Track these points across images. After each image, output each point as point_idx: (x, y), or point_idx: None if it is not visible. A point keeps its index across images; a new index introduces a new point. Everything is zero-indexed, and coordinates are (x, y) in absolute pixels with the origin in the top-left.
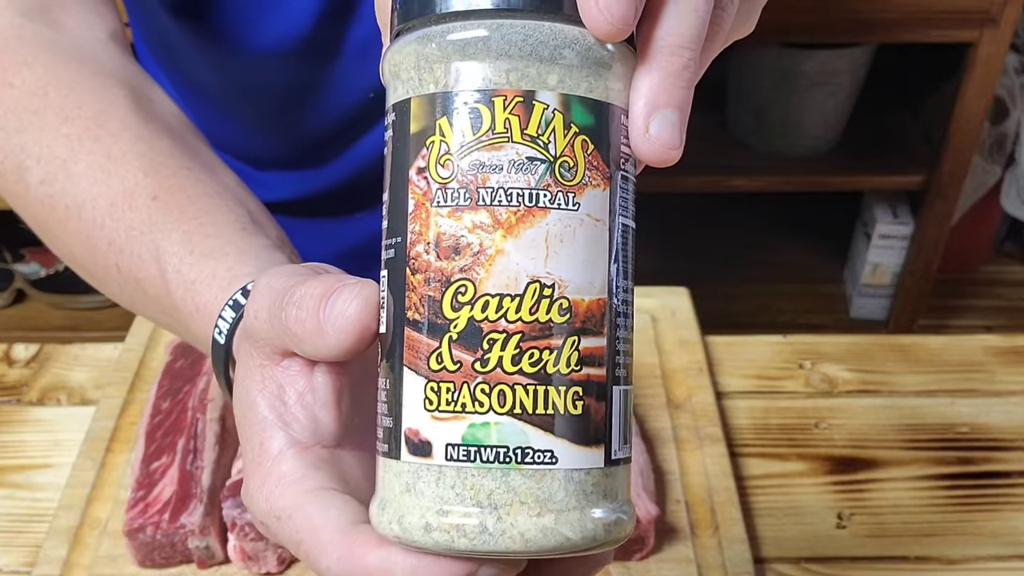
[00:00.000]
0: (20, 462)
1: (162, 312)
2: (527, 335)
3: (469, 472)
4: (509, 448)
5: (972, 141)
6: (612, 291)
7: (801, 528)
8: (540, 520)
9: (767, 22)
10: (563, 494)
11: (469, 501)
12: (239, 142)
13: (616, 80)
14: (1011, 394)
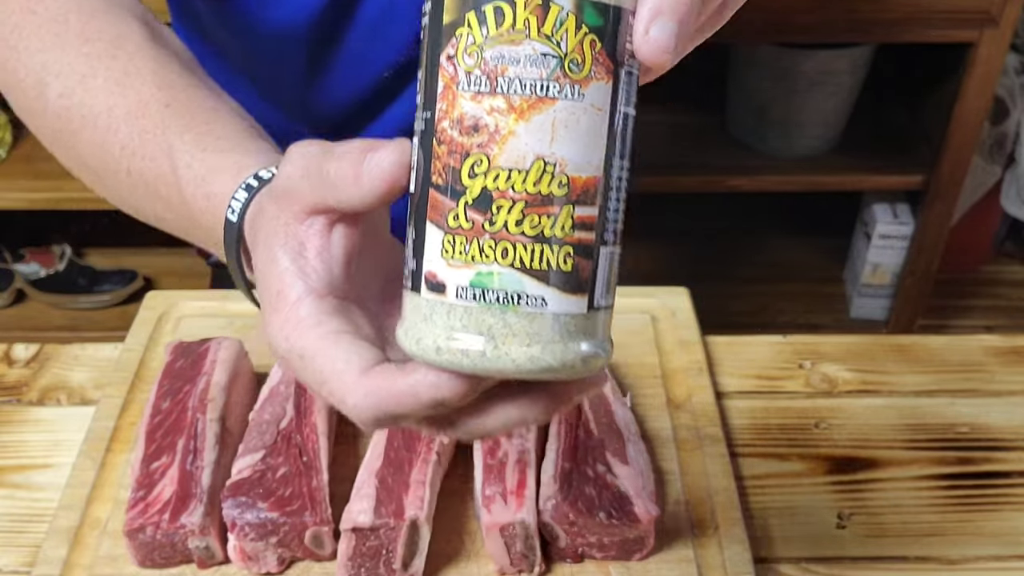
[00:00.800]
0: (20, 462)
1: (170, 210)
2: (529, 203)
3: (474, 310)
4: (508, 292)
5: (972, 141)
6: (608, 169)
7: (801, 528)
8: (529, 350)
9: (767, 22)
10: (549, 331)
11: (473, 332)
12: (261, 118)
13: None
14: (1011, 394)
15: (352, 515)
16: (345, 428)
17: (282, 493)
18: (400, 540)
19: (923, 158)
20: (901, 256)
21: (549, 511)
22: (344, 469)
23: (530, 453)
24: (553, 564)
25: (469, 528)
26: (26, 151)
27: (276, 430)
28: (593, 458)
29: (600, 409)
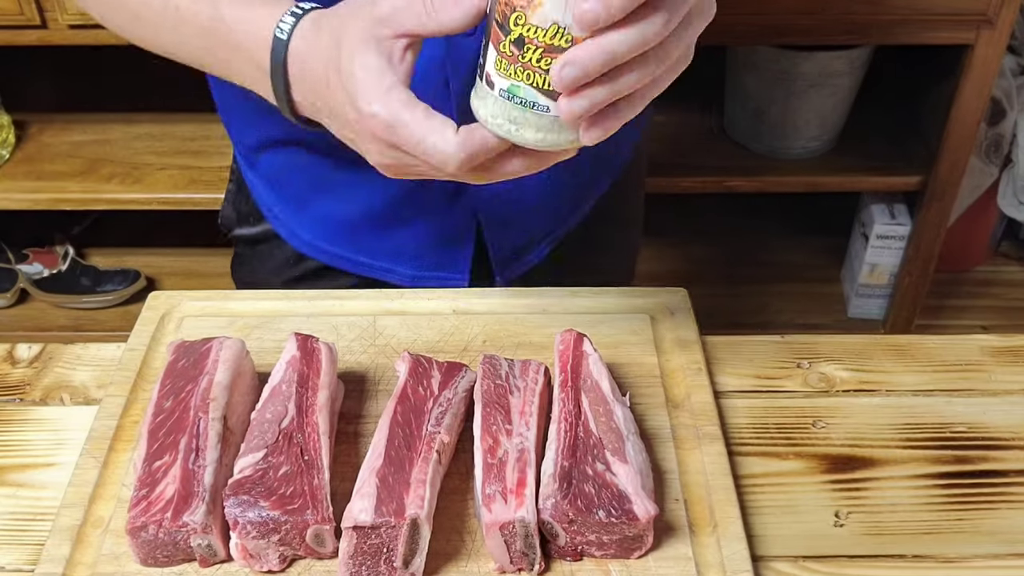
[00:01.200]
0: (23, 461)
1: (212, 37)
2: (546, 50)
3: (507, 105)
4: (526, 100)
5: (969, 142)
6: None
7: (799, 526)
8: (537, 134)
9: (765, 24)
10: (549, 125)
11: (505, 118)
12: None
13: None
14: (1008, 393)
15: (353, 513)
16: (346, 427)
17: (284, 492)
18: (401, 538)
19: (920, 159)
20: (898, 256)
21: (548, 509)
22: (345, 468)
23: (530, 452)
24: (552, 562)
25: (469, 526)
26: (30, 152)
27: (278, 429)
28: (592, 457)
29: (599, 408)
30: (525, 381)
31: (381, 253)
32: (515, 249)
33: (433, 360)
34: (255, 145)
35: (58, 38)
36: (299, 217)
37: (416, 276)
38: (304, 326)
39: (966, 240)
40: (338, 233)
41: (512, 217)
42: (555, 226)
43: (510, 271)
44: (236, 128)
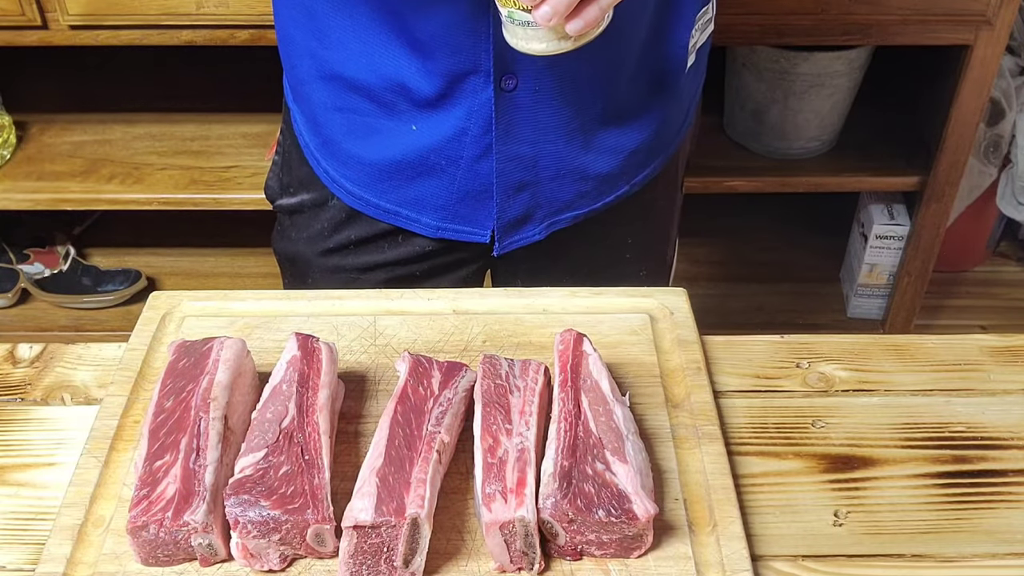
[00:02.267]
0: (24, 461)
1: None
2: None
3: (513, 27)
4: (520, 20)
5: (968, 143)
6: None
7: (798, 526)
8: (539, 43)
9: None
10: (544, 35)
11: (516, 36)
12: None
13: None
14: (1006, 393)
15: (353, 513)
16: (346, 427)
17: (284, 491)
18: (401, 538)
19: (919, 159)
20: (897, 256)
21: (548, 509)
22: (345, 467)
23: (530, 451)
24: (552, 561)
25: (469, 526)
26: (31, 152)
27: (278, 429)
28: (592, 456)
29: (599, 408)
30: (525, 381)
31: (407, 202)
32: (516, 218)
33: (433, 360)
34: (304, 77)
35: (59, 39)
36: (333, 158)
37: (439, 227)
38: (304, 326)
39: (965, 240)
40: (368, 177)
41: (523, 185)
42: (561, 209)
43: (508, 240)
44: (291, 56)
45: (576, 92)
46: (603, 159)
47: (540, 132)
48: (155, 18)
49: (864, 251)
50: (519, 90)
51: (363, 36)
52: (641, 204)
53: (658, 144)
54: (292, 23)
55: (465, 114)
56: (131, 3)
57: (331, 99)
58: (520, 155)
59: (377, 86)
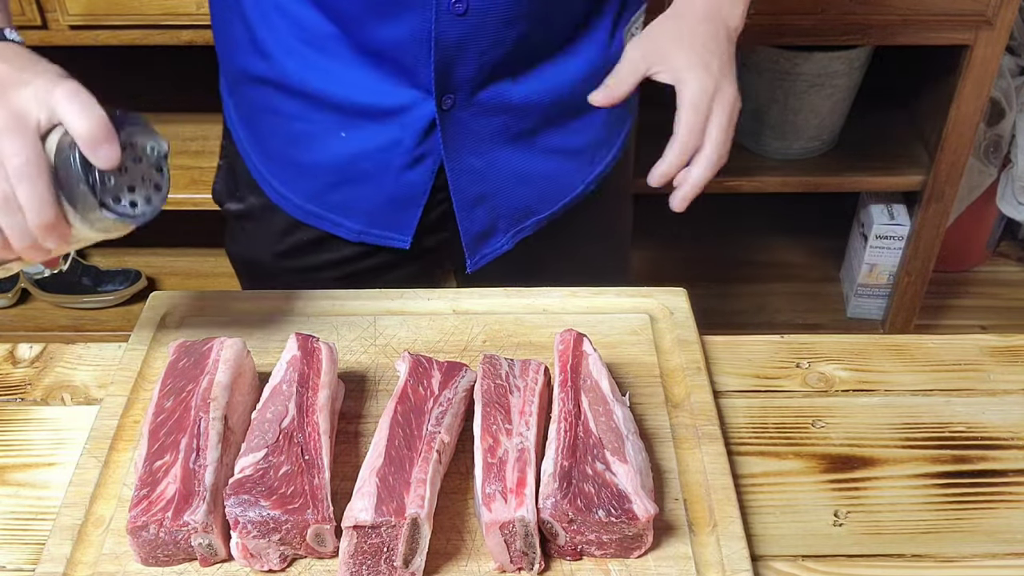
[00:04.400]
0: (24, 460)
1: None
2: None
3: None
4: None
5: (968, 143)
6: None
7: (798, 526)
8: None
9: (765, 24)
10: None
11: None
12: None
13: None
14: (1006, 393)
15: (353, 513)
16: (346, 427)
17: (284, 491)
18: (401, 538)
19: (919, 160)
20: (897, 256)
21: (548, 509)
22: (345, 467)
23: (530, 452)
24: (552, 561)
25: (469, 526)
26: None
27: (278, 429)
28: (592, 456)
29: (599, 408)
30: (525, 381)
31: (333, 206)
32: (482, 231)
33: (433, 360)
34: (236, 77)
35: (59, 39)
36: (266, 158)
37: (362, 232)
38: (304, 326)
39: (965, 240)
40: (297, 179)
41: (481, 198)
42: (522, 215)
43: (479, 255)
44: (224, 57)
45: (518, 104)
46: (552, 161)
47: (486, 143)
48: (155, 18)
49: (864, 251)
50: (458, 107)
51: (300, 45)
52: (600, 204)
53: (605, 139)
54: (228, 24)
55: (399, 126)
56: (131, 3)
57: (262, 101)
58: (471, 168)
59: (308, 93)
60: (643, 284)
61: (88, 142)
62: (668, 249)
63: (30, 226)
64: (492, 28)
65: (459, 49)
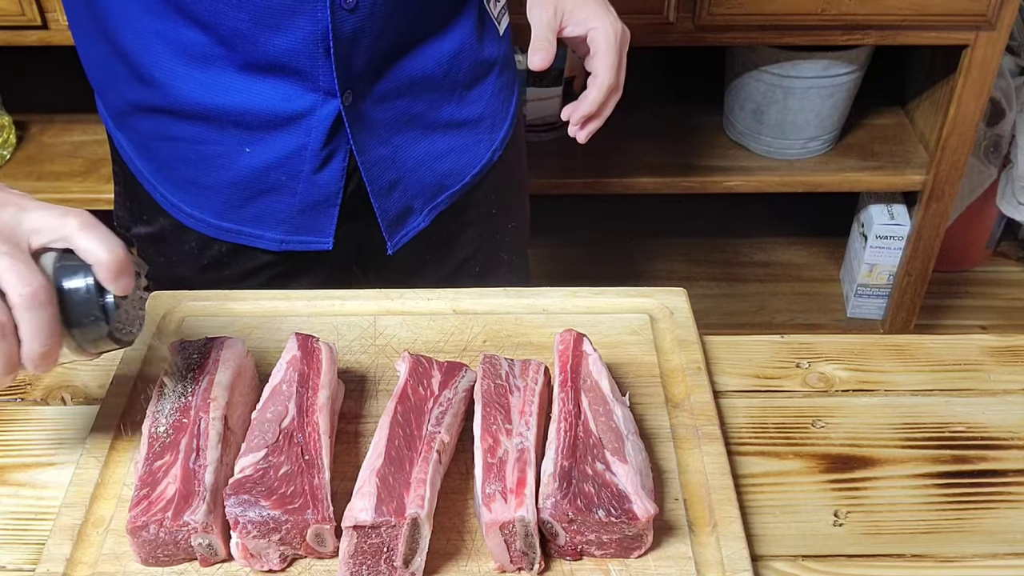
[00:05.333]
0: (24, 460)
1: None
2: None
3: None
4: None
5: (968, 143)
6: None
7: (798, 526)
8: None
9: (765, 24)
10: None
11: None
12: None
13: None
14: (1007, 393)
15: (353, 513)
16: (346, 427)
17: (284, 491)
18: (401, 538)
19: (919, 159)
20: (897, 256)
21: (548, 509)
22: (345, 467)
23: (530, 452)
24: (552, 562)
25: (469, 526)
26: (30, 152)
27: (278, 429)
28: (592, 456)
29: (599, 408)
30: (525, 381)
31: (248, 219)
32: (399, 213)
33: (433, 360)
34: (122, 110)
35: (59, 38)
36: (168, 183)
37: (283, 241)
38: (304, 326)
39: (965, 240)
40: (206, 200)
41: (394, 183)
42: (435, 192)
43: (398, 235)
44: (104, 92)
45: (409, 86)
46: (455, 136)
47: (390, 130)
48: None
49: (864, 251)
50: (358, 100)
51: (186, 68)
52: (505, 174)
53: (500, 107)
54: (102, 60)
55: (303, 132)
56: None
57: (156, 129)
58: (380, 157)
59: (204, 114)
60: (643, 284)
61: (110, 273)
62: (668, 249)
63: (26, 353)
64: (380, 18)
65: (353, 44)
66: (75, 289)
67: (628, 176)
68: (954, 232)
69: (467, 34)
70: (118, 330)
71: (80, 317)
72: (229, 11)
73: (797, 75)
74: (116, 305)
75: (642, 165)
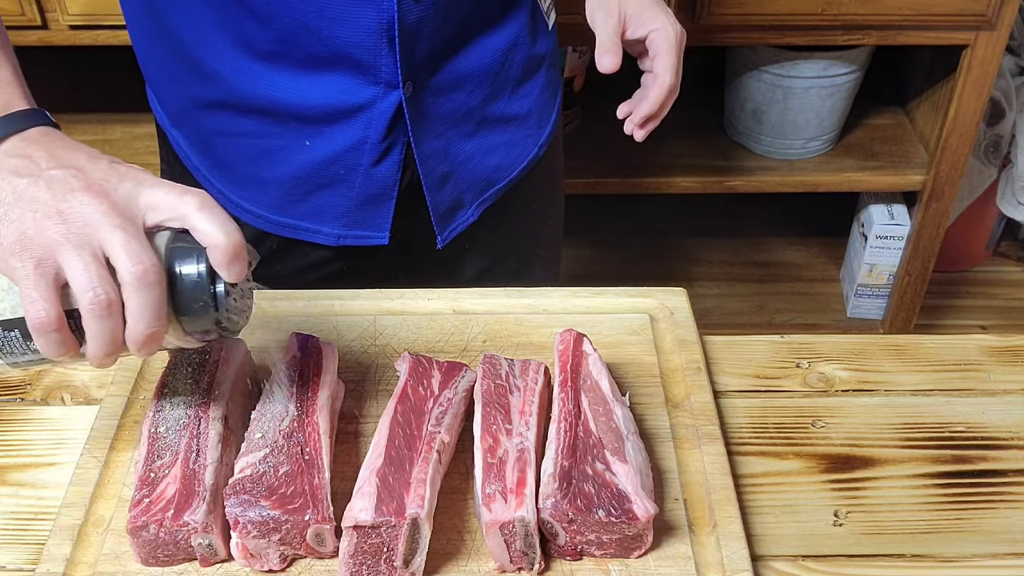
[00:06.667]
0: (24, 461)
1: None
2: None
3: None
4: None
5: (968, 143)
6: None
7: (798, 526)
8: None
9: (765, 24)
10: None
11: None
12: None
13: None
14: (1006, 393)
15: (353, 513)
16: (346, 427)
17: (284, 491)
18: (401, 538)
19: (919, 160)
20: (897, 256)
21: (548, 509)
22: (345, 467)
23: (530, 452)
24: (552, 561)
25: (469, 526)
26: None
27: (278, 429)
28: (592, 456)
29: (599, 408)
30: (525, 381)
31: (306, 214)
32: (449, 207)
33: (433, 360)
34: (180, 107)
35: (59, 38)
36: (227, 180)
37: (341, 236)
38: (304, 326)
39: (965, 240)
40: (265, 195)
41: (447, 176)
42: (484, 186)
43: (448, 229)
44: (160, 90)
45: (465, 79)
46: (506, 130)
47: (445, 123)
48: None
49: (864, 251)
50: (418, 92)
51: (248, 62)
52: (547, 170)
53: (547, 102)
54: (162, 60)
55: (363, 124)
56: None
57: (216, 125)
58: (435, 150)
59: (265, 109)
60: (643, 284)
61: (226, 257)
62: (668, 249)
63: (130, 334)
64: (442, 8)
65: (416, 35)
66: (187, 273)
67: (628, 176)
68: (954, 232)
69: (521, 28)
70: (226, 319)
71: (189, 302)
72: (296, 3)
73: (797, 75)
74: (226, 292)
75: (642, 165)
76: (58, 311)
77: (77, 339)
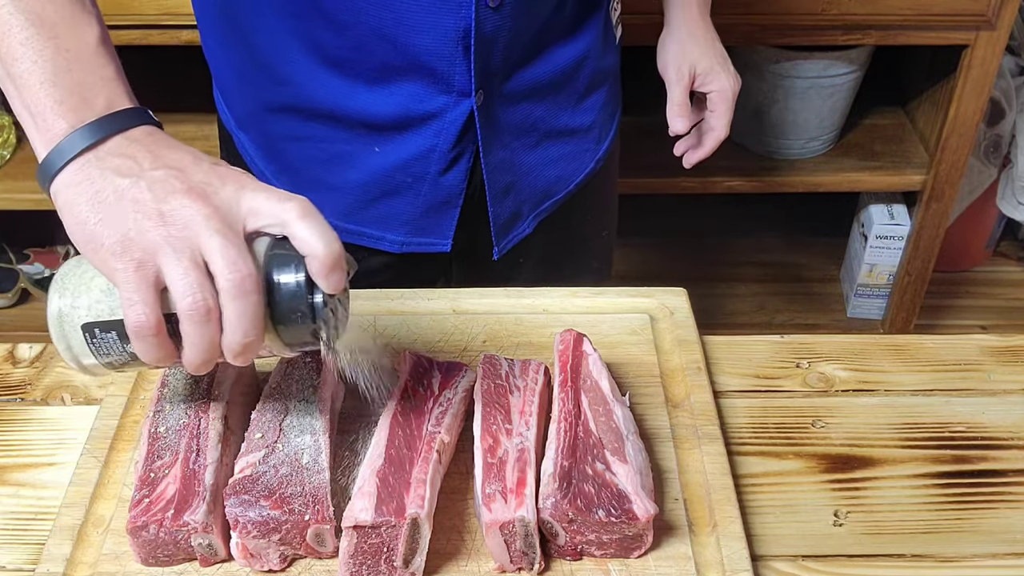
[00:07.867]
0: (24, 461)
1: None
2: None
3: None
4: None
5: (968, 143)
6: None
7: (798, 526)
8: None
9: (765, 24)
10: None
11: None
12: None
13: None
14: (1007, 393)
15: (353, 513)
16: (347, 427)
17: (284, 491)
18: (401, 538)
19: (919, 159)
20: (897, 256)
21: (548, 509)
22: (345, 468)
23: (530, 452)
24: (552, 561)
25: (469, 526)
26: (31, 152)
27: (278, 429)
28: (592, 456)
29: (599, 408)
30: (525, 381)
31: (372, 220)
32: (508, 218)
33: (433, 360)
34: (250, 111)
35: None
36: (293, 185)
37: (405, 243)
38: None
39: (965, 240)
40: (331, 201)
41: (509, 186)
42: (542, 198)
43: (505, 240)
44: (229, 94)
45: (534, 90)
46: (567, 143)
47: (511, 133)
48: (155, 18)
49: (864, 251)
50: (489, 101)
51: (322, 69)
52: (603, 184)
53: (608, 118)
54: (235, 64)
55: (434, 133)
56: (131, 3)
57: (286, 129)
58: (501, 160)
59: (336, 115)
60: (643, 284)
61: (324, 267)
62: (668, 249)
63: (227, 343)
64: (520, 17)
65: (492, 43)
66: (285, 283)
67: (628, 176)
68: (954, 232)
69: (593, 41)
70: (323, 329)
71: (287, 312)
72: (373, 10)
73: (797, 75)
74: (324, 303)
75: (643, 165)
76: (158, 315)
77: (174, 344)
